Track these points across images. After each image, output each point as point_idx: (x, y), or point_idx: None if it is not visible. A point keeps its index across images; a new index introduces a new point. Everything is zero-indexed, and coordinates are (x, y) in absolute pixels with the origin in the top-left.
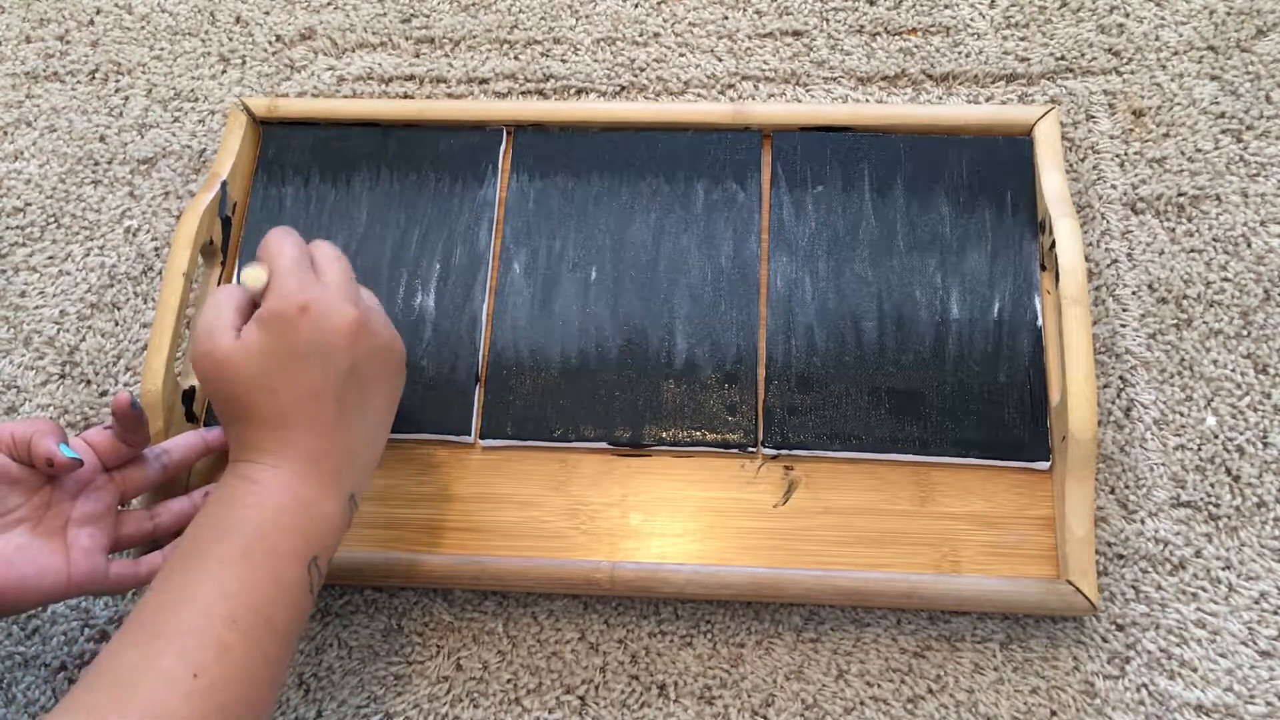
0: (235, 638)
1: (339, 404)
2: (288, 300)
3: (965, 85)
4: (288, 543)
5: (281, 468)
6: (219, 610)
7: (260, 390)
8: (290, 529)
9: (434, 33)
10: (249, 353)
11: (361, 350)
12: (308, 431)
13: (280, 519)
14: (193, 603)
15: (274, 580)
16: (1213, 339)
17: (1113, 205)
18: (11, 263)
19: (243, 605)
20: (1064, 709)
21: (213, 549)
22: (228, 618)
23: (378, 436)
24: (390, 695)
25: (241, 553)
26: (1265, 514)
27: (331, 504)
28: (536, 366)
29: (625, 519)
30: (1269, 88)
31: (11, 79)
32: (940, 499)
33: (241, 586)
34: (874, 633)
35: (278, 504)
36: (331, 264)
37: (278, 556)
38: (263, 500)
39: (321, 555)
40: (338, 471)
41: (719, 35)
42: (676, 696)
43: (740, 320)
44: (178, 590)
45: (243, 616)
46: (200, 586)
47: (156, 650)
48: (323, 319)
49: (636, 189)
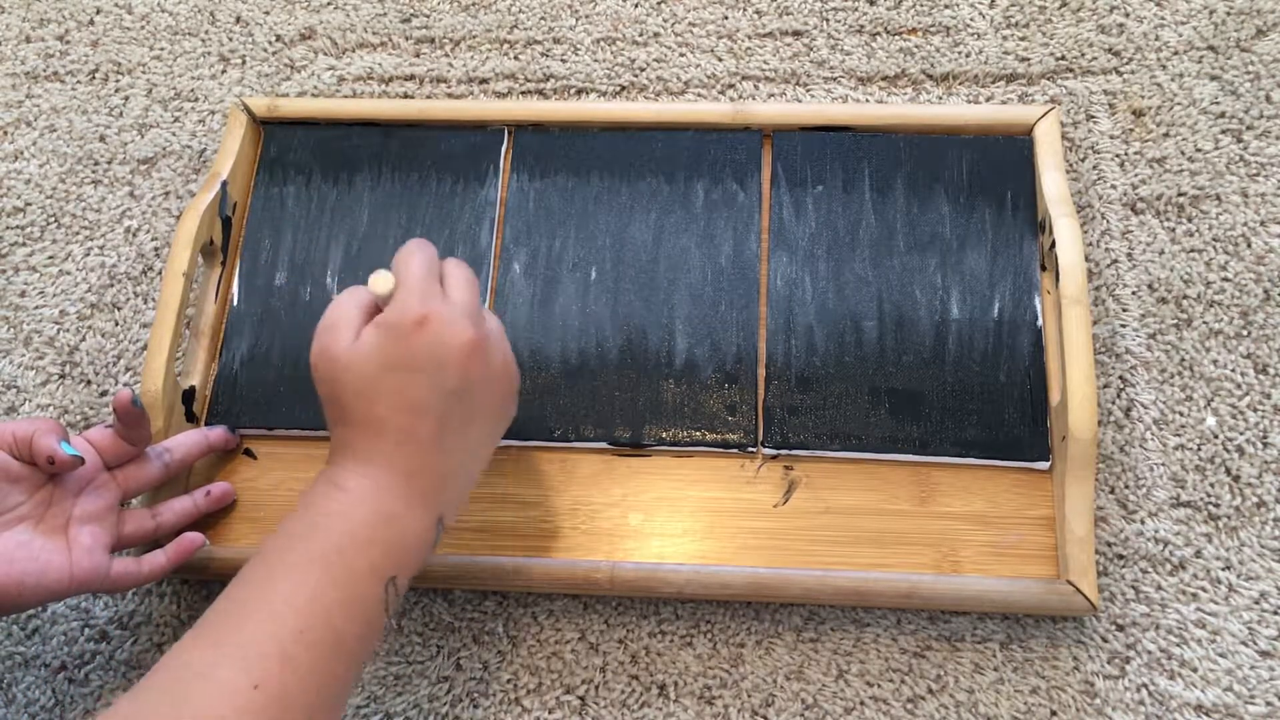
0: (301, 651)
1: (441, 423)
2: (408, 311)
3: (965, 85)
4: (367, 557)
5: (371, 478)
6: (288, 622)
7: (363, 396)
8: (371, 542)
9: (434, 33)
10: (361, 356)
11: (474, 373)
12: (404, 446)
13: (362, 531)
14: (260, 611)
15: (348, 595)
16: (1213, 339)
17: (1113, 205)
18: (11, 263)
19: (313, 618)
20: (1064, 709)
21: (288, 556)
22: (296, 629)
23: (476, 464)
24: (390, 695)
25: (318, 562)
26: (1265, 514)
27: (418, 523)
28: (536, 366)
29: (625, 519)
30: (1269, 88)
31: (11, 79)
32: (940, 499)
33: (313, 599)
34: (874, 633)
35: (362, 515)
36: (460, 283)
37: (354, 571)
38: (347, 509)
39: (401, 575)
40: (428, 492)
41: (719, 35)
42: (676, 696)
43: (740, 320)
44: (248, 596)
45: (311, 629)
46: (270, 594)
47: (218, 658)
48: (439, 334)
49: (636, 189)
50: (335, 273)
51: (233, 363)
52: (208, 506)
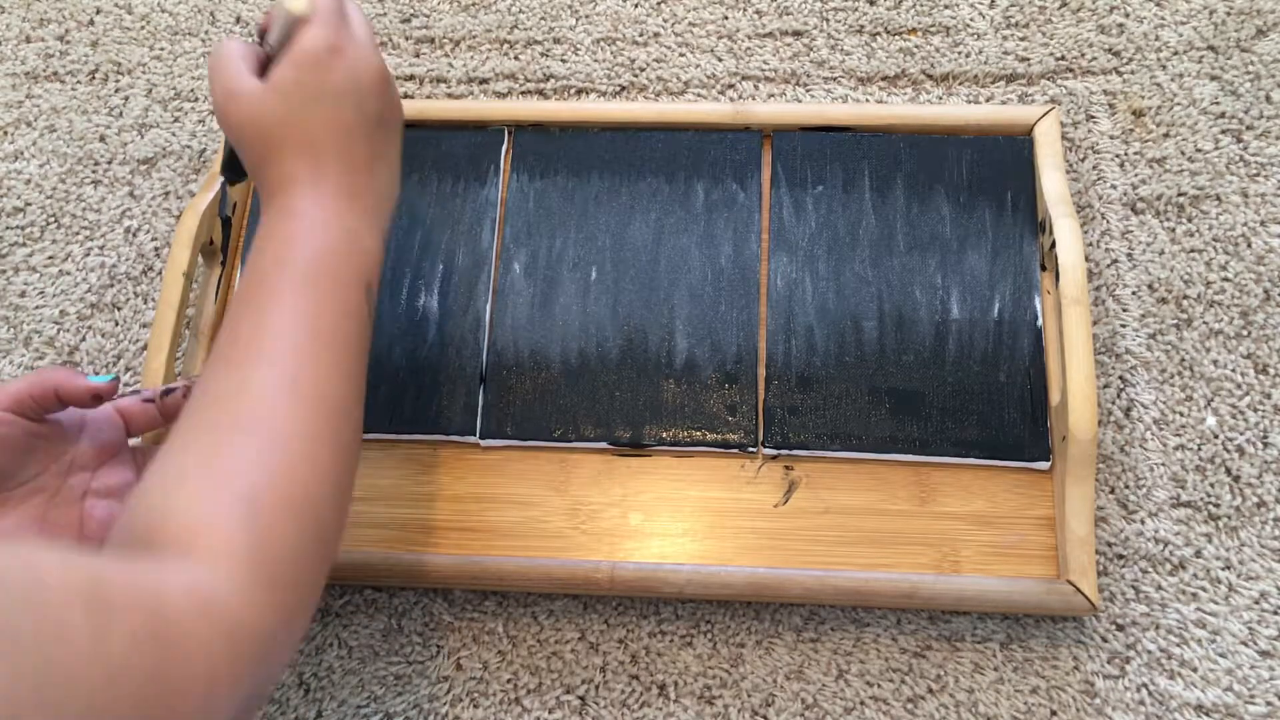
0: (319, 348)
1: (369, 146)
2: (322, 43)
3: (965, 85)
4: (345, 269)
5: (324, 202)
6: (297, 331)
7: (294, 125)
8: (343, 254)
9: (434, 33)
10: (281, 89)
11: (386, 100)
12: (343, 166)
13: (335, 247)
14: (268, 330)
15: (340, 303)
16: (1213, 339)
17: (1113, 205)
18: (11, 263)
19: (318, 324)
20: (1064, 709)
21: (277, 282)
22: (309, 332)
23: (396, 187)
24: (390, 695)
25: (306, 281)
26: (1265, 514)
27: (371, 236)
28: (536, 366)
29: (625, 519)
30: (1269, 88)
31: (11, 79)
32: (940, 499)
33: (312, 310)
34: (874, 633)
35: (328, 234)
36: (359, 17)
37: (339, 282)
38: (313, 230)
39: (373, 284)
40: (372, 210)
41: (719, 35)
42: (676, 696)
43: (740, 320)
44: (251, 323)
45: (321, 332)
46: (272, 315)
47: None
48: (354, 64)
49: (636, 189)
50: None
51: None
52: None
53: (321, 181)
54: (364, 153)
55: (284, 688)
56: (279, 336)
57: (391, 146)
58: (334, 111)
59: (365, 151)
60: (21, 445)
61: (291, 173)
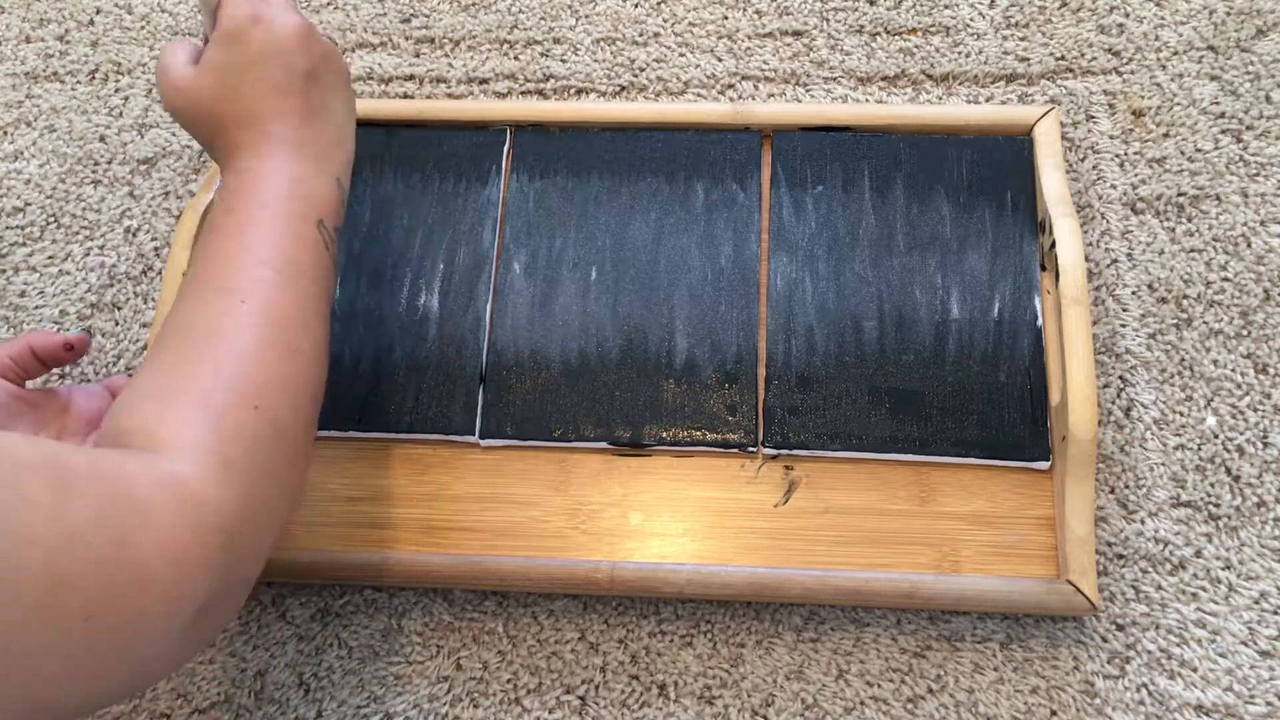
0: (268, 273)
1: (304, 99)
2: (239, 16)
3: (965, 85)
4: (291, 205)
5: (263, 155)
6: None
7: (228, 99)
8: (290, 196)
9: (434, 33)
10: (211, 70)
11: (315, 54)
12: (282, 124)
13: (278, 189)
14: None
15: (288, 232)
16: (1213, 339)
17: (1113, 205)
18: (11, 263)
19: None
20: (1064, 709)
21: (227, 223)
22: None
23: (346, 135)
24: (390, 695)
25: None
26: (1265, 514)
27: (321, 179)
28: (536, 366)
29: (625, 519)
30: (1269, 88)
31: (11, 79)
32: (940, 499)
33: (260, 240)
34: (874, 633)
35: (272, 179)
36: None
37: (285, 216)
38: (257, 180)
39: (327, 219)
40: (319, 157)
41: (719, 35)
42: (676, 696)
43: (740, 320)
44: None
45: (269, 259)
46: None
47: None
48: (272, 26)
49: (636, 189)
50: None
51: None
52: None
53: (263, 142)
54: (299, 107)
55: (284, 688)
56: (230, 266)
57: (331, 97)
58: (262, 76)
59: (300, 106)
60: (11, 409)
61: (235, 140)
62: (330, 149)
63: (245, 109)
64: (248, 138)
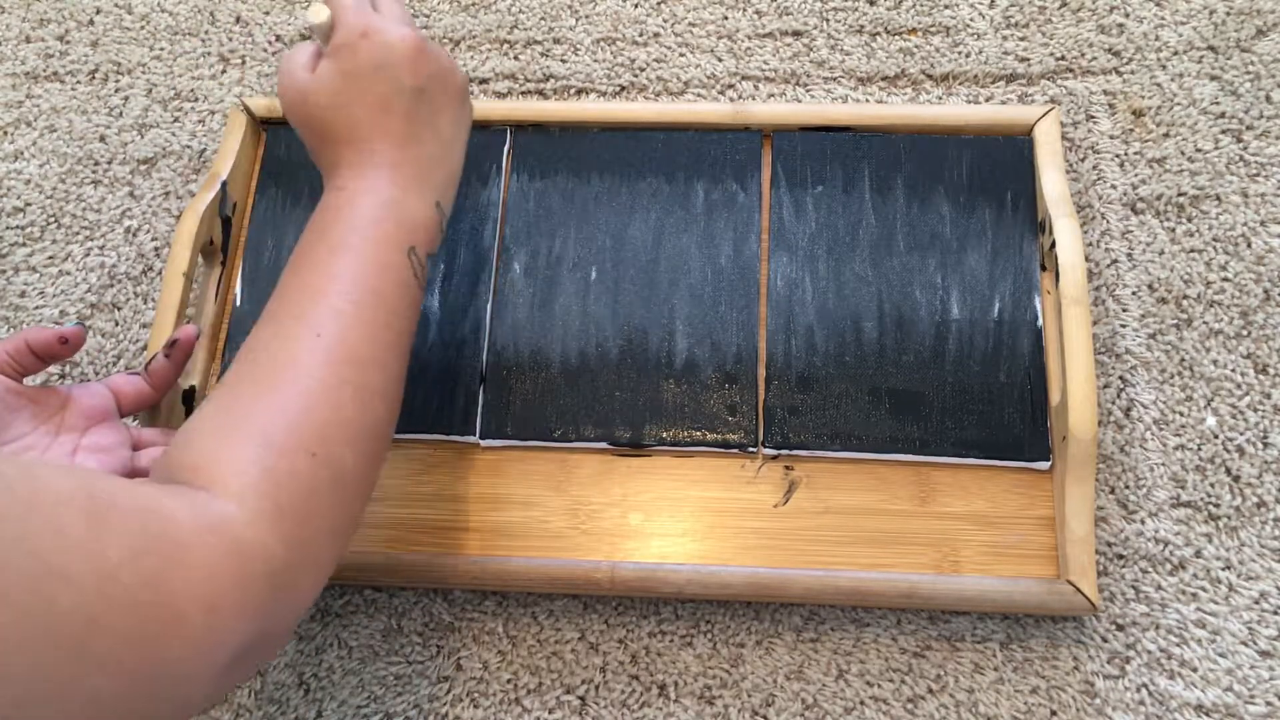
0: (347, 306)
1: (409, 118)
2: (350, 29)
3: (965, 85)
4: (382, 230)
5: (365, 175)
6: (328, 289)
7: (335, 109)
8: (381, 221)
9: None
10: (322, 80)
11: (424, 71)
12: (383, 142)
13: (370, 212)
14: (302, 289)
15: (375, 261)
16: (1213, 339)
17: (1113, 205)
18: (11, 263)
19: (349, 283)
20: (1064, 709)
21: (315, 248)
22: (337, 293)
23: (452, 154)
24: (390, 695)
25: (341, 244)
26: (1265, 514)
27: (418, 203)
28: (536, 366)
29: (625, 519)
30: (1269, 88)
31: (11, 79)
32: (940, 499)
33: (345, 269)
34: (874, 633)
35: (366, 201)
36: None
37: (374, 241)
38: (352, 200)
39: (419, 247)
40: (418, 178)
41: (719, 35)
42: (676, 696)
43: (740, 320)
44: (288, 285)
45: (351, 291)
46: (307, 277)
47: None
48: (383, 41)
49: (636, 189)
50: None
51: None
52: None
53: (362, 160)
54: (401, 125)
55: (284, 688)
56: (311, 295)
57: (441, 117)
58: (369, 91)
59: (403, 125)
60: (10, 404)
61: (337, 153)
62: (431, 170)
63: (350, 123)
64: (348, 154)
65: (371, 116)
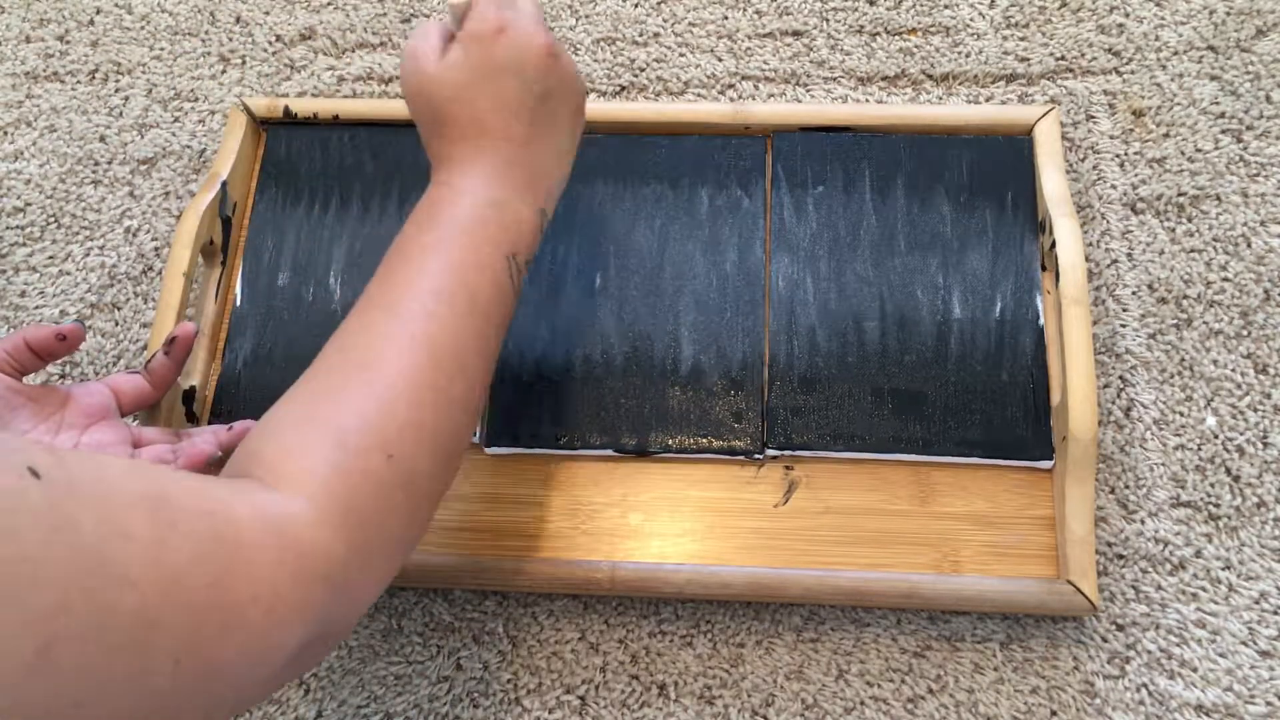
0: (442, 308)
1: (531, 122)
2: (486, 22)
3: (965, 85)
4: (484, 232)
5: (475, 173)
6: (424, 286)
7: (459, 102)
8: (486, 222)
9: None
10: (451, 69)
11: (554, 76)
12: (501, 141)
13: (476, 213)
14: (397, 285)
15: (475, 263)
16: (1213, 339)
17: (1113, 205)
18: (11, 263)
19: (447, 281)
20: (1064, 709)
21: (415, 243)
22: (434, 291)
23: (563, 164)
24: (390, 695)
25: (442, 241)
26: (1265, 514)
27: (523, 209)
28: (542, 374)
29: (625, 519)
30: (1269, 88)
31: (11, 79)
32: (940, 499)
33: (443, 268)
34: (874, 633)
35: (472, 201)
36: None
37: (475, 241)
38: (459, 197)
39: (519, 254)
40: (528, 183)
41: (719, 35)
42: (676, 696)
43: (746, 327)
44: (386, 279)
45: (447, 290)
46: (404, 272)
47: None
48: (518, 40)
49: (641, 195)
50: (338, 273)
51: (236, 363)
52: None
53: (477, 156)
54: (523, 129)
55: (284, 687)
56: (406, 291)
57: (558, 123)
58: (498, 88)
59: (524, 127)
60: (10, 402)
61: (451, 148)
62: (542, 176)
63: (472, 118)
64: (462, 151)
65: (495, 115)
